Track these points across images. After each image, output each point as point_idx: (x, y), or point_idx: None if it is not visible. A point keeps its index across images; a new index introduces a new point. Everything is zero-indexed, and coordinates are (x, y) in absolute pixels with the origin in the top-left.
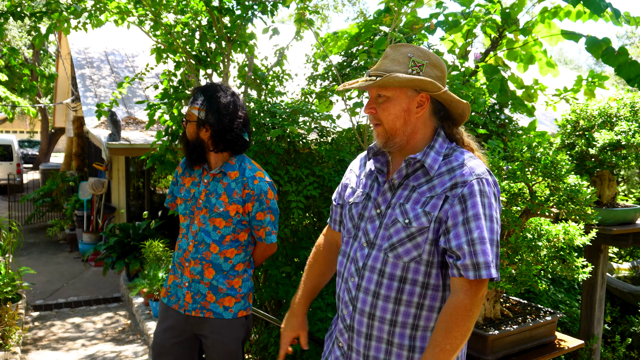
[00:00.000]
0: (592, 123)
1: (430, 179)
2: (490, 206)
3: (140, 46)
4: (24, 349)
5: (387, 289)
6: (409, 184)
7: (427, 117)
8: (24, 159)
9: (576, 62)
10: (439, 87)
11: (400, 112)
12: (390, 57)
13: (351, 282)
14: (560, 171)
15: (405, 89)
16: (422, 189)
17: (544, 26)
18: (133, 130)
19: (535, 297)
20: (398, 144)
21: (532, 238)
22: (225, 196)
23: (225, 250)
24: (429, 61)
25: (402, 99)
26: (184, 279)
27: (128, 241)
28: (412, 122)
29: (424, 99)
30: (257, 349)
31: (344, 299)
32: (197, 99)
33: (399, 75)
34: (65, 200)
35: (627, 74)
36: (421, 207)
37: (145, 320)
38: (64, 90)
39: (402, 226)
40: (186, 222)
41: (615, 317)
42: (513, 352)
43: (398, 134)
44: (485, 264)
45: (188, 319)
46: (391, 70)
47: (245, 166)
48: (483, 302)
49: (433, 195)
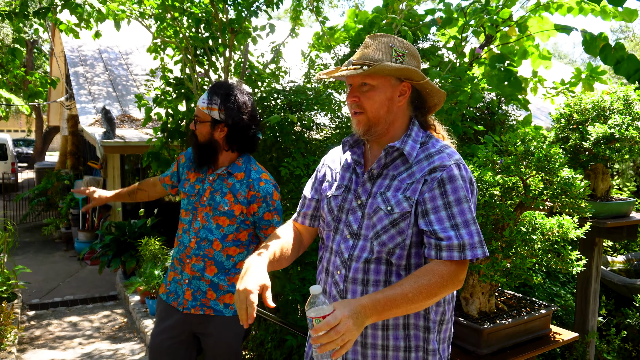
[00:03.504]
0: (586, 117)
1: (409, 166)
2: (468, 189)
3: (135, 44)
4: (21, 348)
5: (375, 273)
6: (388, 174)
7: (405, 106)
8: (19, 158)
9: (570, 57)
10: (423, 76)
11: (385, 101)
12: (372, 47)
13: (338, 275)
14: (554, 165)
15: (390, 78)
16: (402, 176)
17: (537, 20)
18: (128, 128)
19: (530, 291)
20: (379, 132)
21: (526, 232)
22: (230, 195)
23: (227, 248)
24: (408, 51)
25: (386, 88)
26: (184, 275)
27: (124, 239)
28: (394, 111)
29: (406, 87)
30: (253, 345)
31: (332, 294)
32: (212, 99)
33: (389, 64)
34: (60, 198)
35: (627, 70)
36: (402, 193)
37: (142, 318)
38: (58, 89)
39: (384, 214)
40: (188, 217)
41: (610, 309)
42: (508, 346)
43: (380, 122)
44: (471, 245)
45: (187, 317)
46: (377, 59)
47: (251, 168)
48: (459, 285)
49: (413, 182)
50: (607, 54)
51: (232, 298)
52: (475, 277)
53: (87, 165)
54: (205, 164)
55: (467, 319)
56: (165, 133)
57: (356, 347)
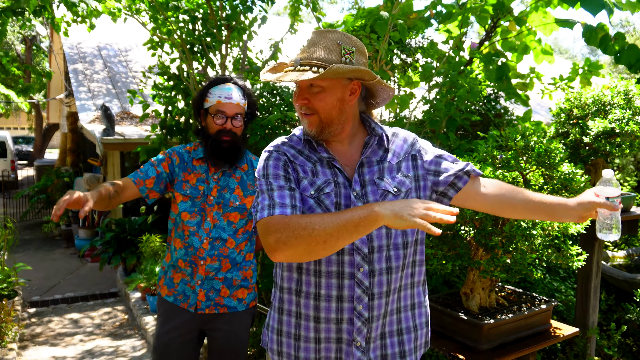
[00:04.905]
0: (586, 111)
1: (386, 149)
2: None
3: (134, 40)
4: (22, 345)
5: (396, 259)
6: (371, 160)
7: (356, 103)
8: (19, 156)
9: (571, 52)
10: (374, 75)
11: (336, 102)
12: (320, 45)
13: (360, 273)
14: (554, 160)
15: (340, 79)
16: (388, 158)
17: (538, 15)
18: (128, 125)
19: (530, 286)
20: (333, 132)
21: (526, 227)
22: (239, 190)
23: (240, 243)
24: (356, 48)
25: (337, 89)
26: (197, 277)
27: (124, 236)
28: (346, 110)
29: (356, 86)
30: (254, 342)
31: (355, 295)
32: (242, 93)
33: (341, 66)
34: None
35: (627, 59)
36: (397, 172)
37: (143, 314)
38: (57, 86)
39: (393, 195)
40: (195, 219)
41: (611, 304)
42: (508, 341)
43: (334, 123)
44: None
45: (198, 316)
46: (325, 59)
47: (250, 158)
48: None
49: (400, 160)
50: (607, 44)
51: (244, 292)
52: (476, 272)
53: (87, 163)
54: (236, 162)
55: (467, 315)
56: (164, 130)
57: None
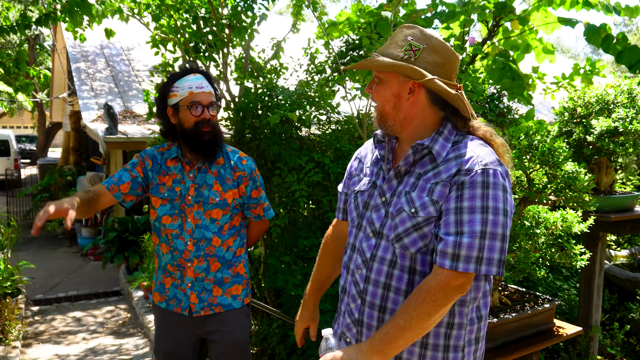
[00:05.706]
0: (590, 110)
1: (436, 165)
2: (496, 198)
3: (136, 39)
4: (25, 344)
5: (397, 280)
6: (415, 171)
7: (424, 105)
8: (22, 154)
9: (574, 51)
10: (422, 74)
11: (390, 96)
12: (393, 39)
13: (358, 274)
14: (558, 159)
15: (396, 74)
16: (427, 175)
17: (540, 14)
18: (130, 124)
19: (533, 285)
20: (391, 127)
21: (530, 226)
22: (218, 185)
23: (226, 240)
24: (427, 45)
25: (392, 83)
26: (187, 279)
27: (127, 235)
28: (405, 109)
29: (415, 85)
30: (257, 340)
31: (351, 292)
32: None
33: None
34: (63, 195)
35: (628, 60)
36: (427, 195)
37: (145, 313)
38: (60, 85)
39: (407, 215)
40: (176, 222)
41: (614, 304)
42: (512, 340)
43: (389, 118)
44: (466, 258)
45: (193, 320)
46: (386, 53)
47: (226, 150)
48: (456, 296)
49: (438, 182)
50: (609, 44)
51: (238, 288)
52: None
53: (90, 161)
54: (219, 152)
55: None
56: None
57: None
